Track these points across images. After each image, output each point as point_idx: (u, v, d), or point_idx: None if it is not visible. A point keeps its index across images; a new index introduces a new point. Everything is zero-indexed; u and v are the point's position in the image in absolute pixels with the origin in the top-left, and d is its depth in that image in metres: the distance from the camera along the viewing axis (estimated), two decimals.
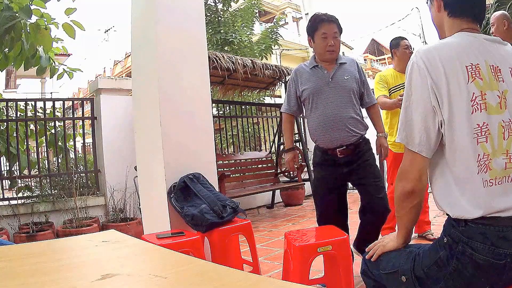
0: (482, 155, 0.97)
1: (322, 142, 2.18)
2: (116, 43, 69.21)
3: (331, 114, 2.12)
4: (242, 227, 2.25)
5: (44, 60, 3.76)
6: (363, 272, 1.22)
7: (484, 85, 0.99)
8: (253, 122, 6.47)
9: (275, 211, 5.28)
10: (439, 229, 1.08)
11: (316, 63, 2.22)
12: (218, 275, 0.61)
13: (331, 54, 2.15)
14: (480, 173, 0.97)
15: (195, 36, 2.61)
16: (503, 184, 0.97)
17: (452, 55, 1.01)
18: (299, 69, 2.29)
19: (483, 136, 0.97)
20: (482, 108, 0.98)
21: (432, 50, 1.04)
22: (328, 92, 2.14)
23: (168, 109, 2.40)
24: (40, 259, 0.76)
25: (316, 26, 2.15)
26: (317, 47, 2.17)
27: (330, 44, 2.12)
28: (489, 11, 7.35)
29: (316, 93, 2.16)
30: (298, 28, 21.92)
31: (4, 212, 3.71)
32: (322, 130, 2.15)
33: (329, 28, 2.12)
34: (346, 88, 2.16)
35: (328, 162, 2.20)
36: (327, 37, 2.12)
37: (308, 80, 2.19)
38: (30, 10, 3.33)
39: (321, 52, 2.16)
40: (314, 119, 2.18)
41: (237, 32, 7.57)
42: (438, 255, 1.00)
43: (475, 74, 0.99)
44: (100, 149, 4.46)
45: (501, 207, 0.94)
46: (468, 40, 1.04)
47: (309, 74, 2.21)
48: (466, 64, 1.00)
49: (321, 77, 2.17)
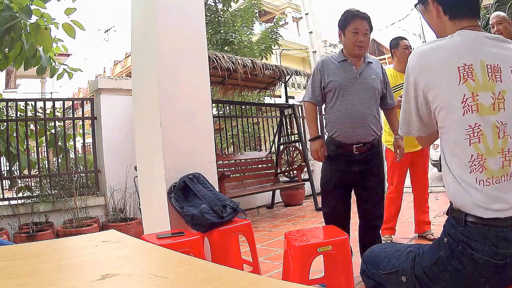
0: (476, 155, 0.98)
1: (341, 135, 2.19)
2: (116, 43, 69.23)
3: (355, 110, 2.16)
4: (242, 227, 2.25)
5: (44, 60, 3.76)
6: (362, 272, 1.22)
7: (477, 86, 0.99)
8: (253, 122, 6.47)
9: (275, 211, 5.28)
10: (439, 229, 1.09)
11: (345, 58, 2.25)
12: (218, 275, 0.61)
13: (360, 49, 2.19)
14: (473, 173, 0.98)
15: (195, 36, 2.61)
16: (501, 183, 0.97)
17: (446, 56, 1.03)
18: (326, 61, 2.30)
19: (476, 137, 0.98)
20: (474, 109, 0.98)
21: (427, 50, 1.06)
22: (355, 88, 2.18)
23: (168, 109, 2.40)
24: (40, 259, 0.76)
25: (348, 21, 2.18)
26: (347, 41, 2.20)
27: (360, 40, 2.16)
28: (489, 11, 7.35)
29: (343, 87, 2.19)
30: (298, 28, 21.92)
31: (4, 212, 3.71)
32: (344, 123, 2.17)
33: (361, 25, 2.16)
34: (372, 87, 2.21)
35: (343, 157, 2.21)
36: (358, 32, 2.16)
37: (336, 73, 2.22)
38: (30, 10, 3.33)
39: (351, 47, 2.19)
40: (336, 111, 2.20)
41: (237, 32, 7.57)
42: (438, 255, 1.00)
43: (467, 75, 1.00)
44: (100, 149, 4.46)
45: (499, 207, 0.94)
46: (467, 39, 1.04)
47: (337, 67, 2.24)
48: (459, 65, 1.00)
49: (349, 72, 2.21)
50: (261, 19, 18.64)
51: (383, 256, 1.15)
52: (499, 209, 0.94)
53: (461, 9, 1.09)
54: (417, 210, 3.04)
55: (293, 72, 5.37)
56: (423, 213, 3.02)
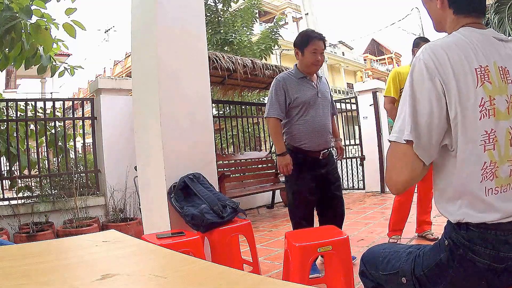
0: (488, 163, 0.93)
1: (308, 144, 2.44)
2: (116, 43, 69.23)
3: (319, 122, 2.45)
4: (242, 227, 2.25)
5: (44, 59, 3.76)
6: (361, 273, 1.21)
7: (493, 90, 0.94)
8: (253, 122, 6.47)
9: (275, 211, 5.28)
10: (439, 229, 1.08)
11: (304, 75, 2.47)
12: (218, 275, 0.61)
13: (316, 67, 2.46)
14: (484, 181, 0.93)
15: (195, 36, 2.61)
16: (508, 192, 0.94)
17: (461, 56, 0.95)
18: (286, 78, 2.49)
19: (491, 144, 0.93)
20: (491, 114, 0.93)
21: (439, 48, 0.96)
22: (318, 102, 2.46)
23: (168, 109, 2.40)
24: (40, 259, 0.76)
25: (307, 42, 2.40)
26: (305, 60, 2.43)
27: (317, 59, 2.41)
28: (489, 11, 7.36)
29: (309, 102, 2.43)
30: (298, 28, 21.93)
31: (4, 212, 3.71)
32: (310, 135, 2.43)
33: (319, 45, 2.41)
34: (328, 100, 2.56)
35: (310, 163, 2.46)
36: (316, 52, 2.40)
37: (299, 90, 2.44)
38: (30, 10, 3.33)
39: (309, 65, 2.43)
40: (303, 125, 2.44)
41: (237, 32, 7.57)
42: (439, 257, 0.99)
43: (484, 78, 0.94)
44: (100, 149, 4.46)
45: (503, 215, 0.92)
46: (476, 38, 0.99)
47: (298, 84, 2.46)
48: (475, 67, 0.94)
49: (310, 88, 2.47)
50: (261, 19, 18.65)
51: (382, 256, 1.14)
52: (502, 217, 0.92)
53: (468, 5, 1.04)
54: (420, 210, 3.04)
55: None
56: (425, 213, 3.02)
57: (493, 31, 1.03)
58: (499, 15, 7.04)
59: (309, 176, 2.45)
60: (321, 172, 2.49)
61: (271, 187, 5.13)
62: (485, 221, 0.93)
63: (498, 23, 7.01)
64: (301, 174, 2.46)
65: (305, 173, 2.45)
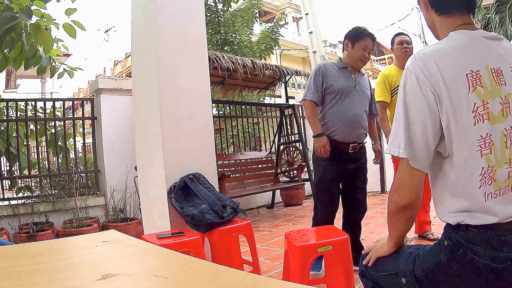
0: (486, 167, 0.92)
1: (340, 134, 2.40)
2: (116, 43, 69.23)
3: (355, 113, 2.40)
4: (242, 227, 2.25)
5: (44, 60, 3.76)
6: (361, 274, 1.21)
7: (486, 94, 0.92)
8: (253, 122, 6.47)
9: (275, 211, 5.28)
10: (439, 229, 1.08)
11: (345, 66, 2.48)
12: (218, 275, 0.61)
13: (362, 63, 2.47)
14: (483, 187, 0.92)
15: (195, 36, 2.61)
16: (507, 194, 0.94)
17: (451, 62, 0.94)
18: (327, 65, 2.50)
19: (487, 148, 0.92)
20: (485, 118, 0.92)
21: (429, 57, 0.95)
22: (353, 93, 2.43)
23: (168, 109, 2.40)
24: (40, 259, 0.76)
25: (361, 37, 2.42)
26: (354, 53, 2.43)
27: (365, 56, 2.43)
28: (489, 11, 7.35)
29: (345, 91, 2.41)
30: (298, 28, 21.92)
31: (4, 212, 3.71)
32: (343, 124, 2.39)
33: (370, 43, 2.44)
34: (366, 95, 2.51)
35: (339, 156, 2.40)
36: (366, 49, 2.42)
37: (337, 78, 2.43)
38: (30, 10, 3.33)
39: (355, 59, 2.44)
40: (337, 112, 2.40)
41: (237, 32, 7.56)
42: (438, 258, 0.99)
43: (476, 83, 0.92)
44: (100, 149, 4.46)
45: (502, 217, 0.92)
46: (467, 41, 0.97)
47: (337, 73, 2.45)
48: (466, 72, 0.93)
49: (349, 79, 2.45)
50: (261, 19, 18.65)
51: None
52: (501, 219, 0.92)
53: (448, 2, 1.01)
54: (420, 210, 3.04)
55: (293, 72, 5.37)
56: (424, 212, 3.02)
57: (483, 31, 1.02)
58: (500, 14, 7.04)
59: (336, 167, 2.41)
60: (349, 167, 2.44)
61: (271, 187, 5.12)
62: (484, 223, 0.93)
63: (499, 22, 7.02)
64: (327, 165, 2.42)
65: (333, 164, 2.41)
